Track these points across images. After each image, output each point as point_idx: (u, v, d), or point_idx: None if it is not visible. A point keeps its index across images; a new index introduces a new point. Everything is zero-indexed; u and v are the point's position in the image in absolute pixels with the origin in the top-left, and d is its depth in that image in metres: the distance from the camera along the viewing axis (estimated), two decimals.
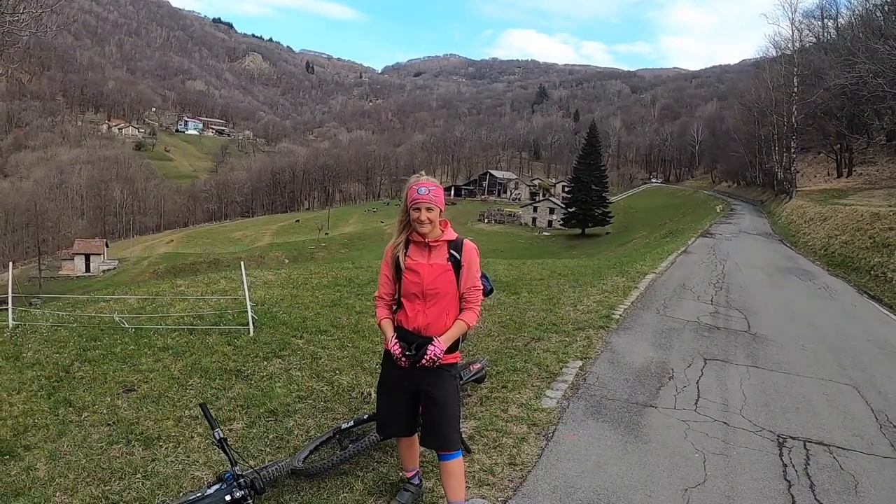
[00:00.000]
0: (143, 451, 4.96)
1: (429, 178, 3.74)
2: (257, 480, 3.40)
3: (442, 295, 3.65)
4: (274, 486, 4.24)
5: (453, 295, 3.69)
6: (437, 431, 3.71)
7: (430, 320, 3.64)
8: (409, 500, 4.03)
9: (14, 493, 4.38)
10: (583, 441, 5.23)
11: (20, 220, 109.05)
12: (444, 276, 3.65)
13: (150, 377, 6.49)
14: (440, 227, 3.74)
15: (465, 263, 3.69)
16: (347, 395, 6.05)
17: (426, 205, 3.60)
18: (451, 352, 3.73)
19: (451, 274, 3.66)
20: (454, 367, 3.80)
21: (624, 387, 6.66)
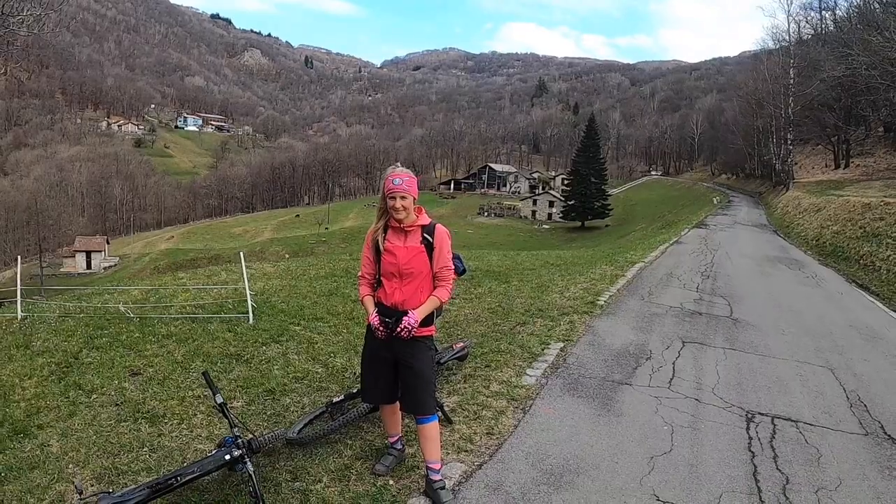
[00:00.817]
0: (150, 427, 5.29)
1: (403, 170, 4.12)
2: (254, 441, 3.78)
3: (416, 274, 4.04)
4: (270, 454, 4.60)
5: (427, 274, 4.08)
6: (415, 397, 4.11)
7: (406, 297, 4.03)
8: (393, 462, 4.43)
9: (30, 466, 4.70)
10: (558, 414, 5.60)
11: (21, 218, 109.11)
12: (419, 258, 4.03)
13: (155, 362, 6.82)
14: (414, 214, 4.11)
15: (437, 246, 4.08)
16: (341, 375, 6.41)
17: (400, 194, 4.00)
18: (427, 325, 4.12)
19: (424, 255, 4.05)
20: (429, 339, 4.21)
21: (602, 366, 7.03)
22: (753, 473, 4.66)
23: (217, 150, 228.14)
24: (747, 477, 4.64)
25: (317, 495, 4.06)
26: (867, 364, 8.19)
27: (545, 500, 4.10)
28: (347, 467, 4.44)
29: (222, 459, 3.69)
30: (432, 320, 4.20)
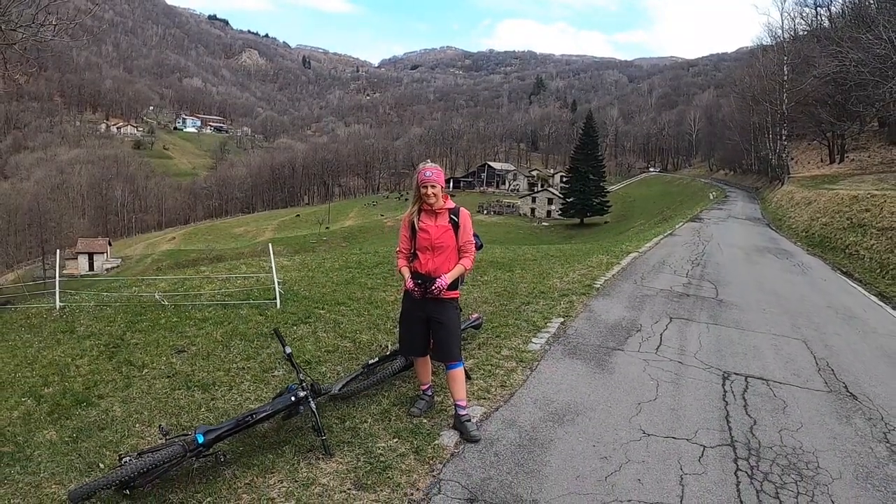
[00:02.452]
0: (202, 393, 6.08)
1: (432, 164, 5.13)
2: (316, 384, 4.61)
3: (445, 247, 5.03)
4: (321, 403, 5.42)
5: (453, 247, 5.07)
6: (445, 347, 5.09)
7: (437, 265, 5.02)
8: (425, 406, 5.38)
9: (99, 427, 5.48)
10: (559, 372, 6.52)
11: (23, 221, 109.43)
12: (447, 234, 5.03)
13: (197, 341, 7.62)
14: (442, 200, 5.09)
15: (461, 224, 5.09)
16: (368, 348, 7.23)
17: (431, 183, 4.99)
18: (453, 289, 5.12)
19: (451, 232, 5.05)
20: (455, 301, 5.22)
21: (597, 336, 7.93)
22: (726, 417, 5.50)
23: (216, 151, 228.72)
24: (720, 419, 5.48)
25: (365, 431, 4.98)
26: (839, 338, 9.03)
27: (551, 432, 5.00)
28: (387, 412, 5.35)
29: (289, 399, 4.52)
30: (458, 285, 5.21)
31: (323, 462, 4.44)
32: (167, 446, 4.20)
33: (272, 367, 6.72)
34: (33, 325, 8.94)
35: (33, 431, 5.46)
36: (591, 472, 4.35)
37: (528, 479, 4.24)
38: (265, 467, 4.39)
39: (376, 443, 4.75)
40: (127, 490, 4.01)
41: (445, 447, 4.67)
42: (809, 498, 4.13)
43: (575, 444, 4.78)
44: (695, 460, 4.58)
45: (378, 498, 4.02)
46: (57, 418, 5.72)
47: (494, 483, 4.18)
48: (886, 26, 32.86)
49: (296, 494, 4.06)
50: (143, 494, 4.09)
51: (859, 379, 7.06)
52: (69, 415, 5.77)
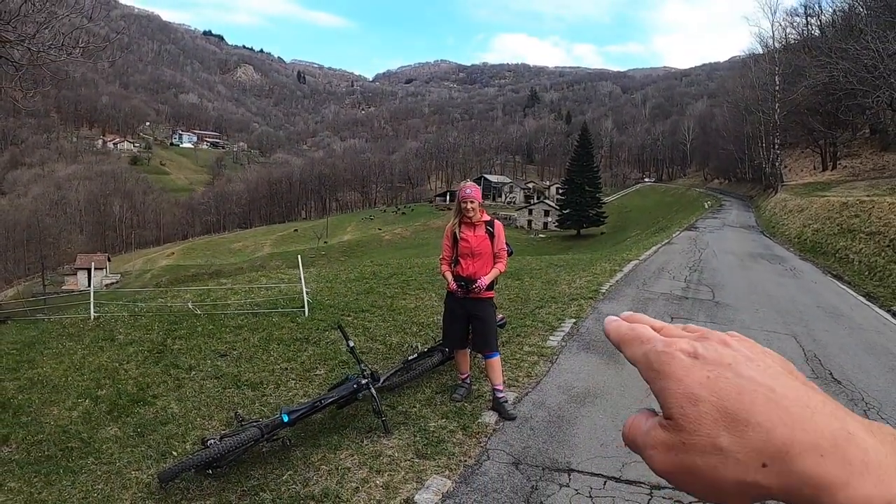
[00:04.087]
0: (252, 391, 6.75)
1: (471, 183, 5.99)
2: (375, 373, 5.35)
3: (483, 254, 5.86)
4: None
5: (489, 254, 5.90)
6: (484, 339, 5.90)
7: (476, 269, 5.86)
8: (465, 393, 6.18)
9: (161, 422, 6.11)
10: (577, 363, 7.34)
11: (21, 237, 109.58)
12: (484, 242, 5.85)
13: (237, 346, 8.30)
14: (479, 213, 5.88)
15: (496, 234, 5.92)
16: (399, 349, 7.96)
17: (469, 199, 5.84)
18: (490, 289, 5.94)
19: (487, 241, 5.87)
20: (492, 300, 6.05)
21: None
22: None
23: (213, 167, 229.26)
24: None
25: (415, 414, 5.75)
26: (827, 333, 9.79)
27: (575, 411, 5.79)
28: (431, 398, 6.12)
29: (353, 386, 5.23)
30: (494, 286, 6.05)
31: (384, 439, 5.19)
32: (245, 430, 4.85)
33: (313, 367, 7.39)
34: (72, 335, 9.53)
35: (96, 429, 5.99)
36: (612, 441, 5.12)
37: (561, 447, 5.02)
38: (333, 445, 5.10)
39: (427, 423, 5.50)
40: (210, 470, 4.66)
41: (488, 424, 5.46)
42: None
43: (596, 420, 5.57)
44: None
45: (438, 464, 4.77)
46: (117, 416, 6.26)
47: (533, 450, 4.96)
48: (874, 36, 33.62)
49: (367, 464, 4.79)
50: (225, 473, 4.75)
51: (844, 367, 7.82)
52: (128, 413, 6.33)
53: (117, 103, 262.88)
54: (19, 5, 9.13)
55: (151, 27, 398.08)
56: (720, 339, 0.48)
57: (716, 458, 0.41)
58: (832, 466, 0.38)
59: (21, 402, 6.62)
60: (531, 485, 4.48)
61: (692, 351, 0.46)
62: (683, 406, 0.42)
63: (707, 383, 0.43)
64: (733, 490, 0.41)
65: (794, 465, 0.38)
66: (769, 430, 0.40)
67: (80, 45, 11.24)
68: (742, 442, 0.40)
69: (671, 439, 0.43)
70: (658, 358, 0.46)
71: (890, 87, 33.68)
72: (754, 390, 0.42)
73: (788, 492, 0.39)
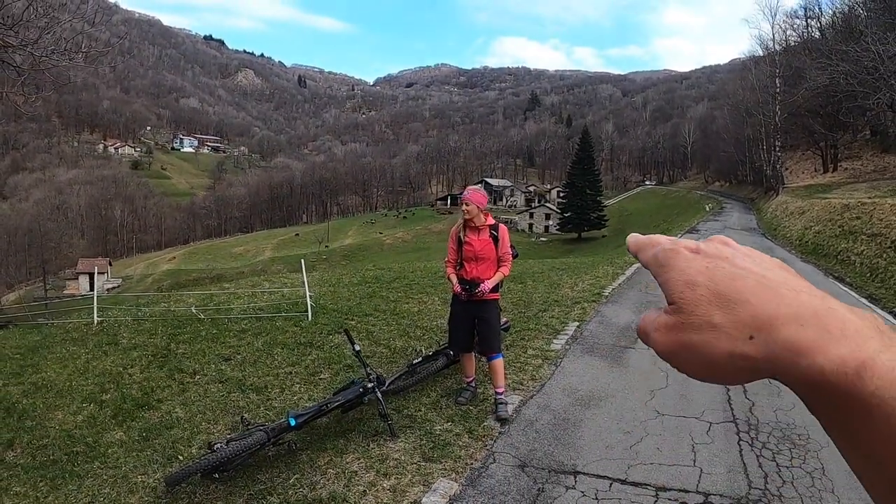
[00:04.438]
0: (257, 395, 6.75)
1: (474, 187, 6.06)
2: (381, 376, 5.35)
3: (486, 258, 5.85)
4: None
5: (493, 258, 5.88)
6: (487, 341, 5.93)
7: (480, 272, 5.85)
8: (470, 396, 6.17)
9: (166, 427, 6.11)
10: (580, 366, 7.35)
11: (22, 242, 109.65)
12: (488, 246, 5.84)
13: (241, 350, 8.30)
14: (483, 217, 5.88)
15: (500, 238, 5.89)
16: (403, 353, 7.95)
17: (465, 201, 5.86)
18: (494, 292, 5.91)
19: (492, 245, 5.85)
20: (496, 302, 6.04)
21: (610, 337, 8.77)
22: (728, 400, 6.27)
23: (214, 171, 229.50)
24: (723, 402, 6.26)
25: (421, 418, 5.75)
26: None
27: (580, 414, 5.79)
28: (437, 402, 6.13)
29: (359, 390, 5.24)
30: (498, 289, 6.01)
31: (391, 442, 5.20)
32: (252, 434, 4.86)
33: (317, 371, 7.39)
34: (75, 339, 9.51)
35: (101, 433, 5.98)
36: (618, 443, 5.13)
37: (566, 449, 5.03)
38: (339, 449, 5.11)
39: (433, 427, 5.51)
40: (216, 474, 4.67)
41: (493, 427, 5.49)
42: (802, 460, 4.89)
43: (601, 422, 5.58)
44: (703, 433, 5.36)
45: (444, 467, 4.79)
46: (122, 421, 6.25)
47: (539, 453, 4.97)
48: (874, 38, 33.64)
49: (374, 467, 4.80)
50: (232, 477, 4.76)
51: None
52: (133, 417, 6.33)
53: (118, 108, 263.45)
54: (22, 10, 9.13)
55: (152, 32, 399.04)
56: (721, 240, 0.53)
57: (710, 333, 0.44)
58: (811, 333, 0.40)
59: (25, 407, 6.61)
60: (537, 487, 4.49)
61: (695, 248, 0.51)
62: (683, 291, 0.47)
63: (705, 272, 0.47)
64: (724, 362, 0.44)
65: (777, 335, 0.41)
66: (757, 307, 0.43)
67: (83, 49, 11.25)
68: (732, 318, 0.43)
69: (672, 320, 0.47)
70: (665, 254, 0.51)
71: (890, 88, 33.72)
72: (746, 277, 0.46)
73: (771, 359, 0.42)
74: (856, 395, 0.38)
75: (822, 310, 0.42)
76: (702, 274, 0.47)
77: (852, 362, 0.39)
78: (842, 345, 0.40)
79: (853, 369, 0.38)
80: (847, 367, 0.38)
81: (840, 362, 0.39)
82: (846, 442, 0.41)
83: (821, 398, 0.40)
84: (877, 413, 0.37)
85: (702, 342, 0.45)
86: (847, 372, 0.38)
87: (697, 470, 4.74)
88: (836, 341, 0.40)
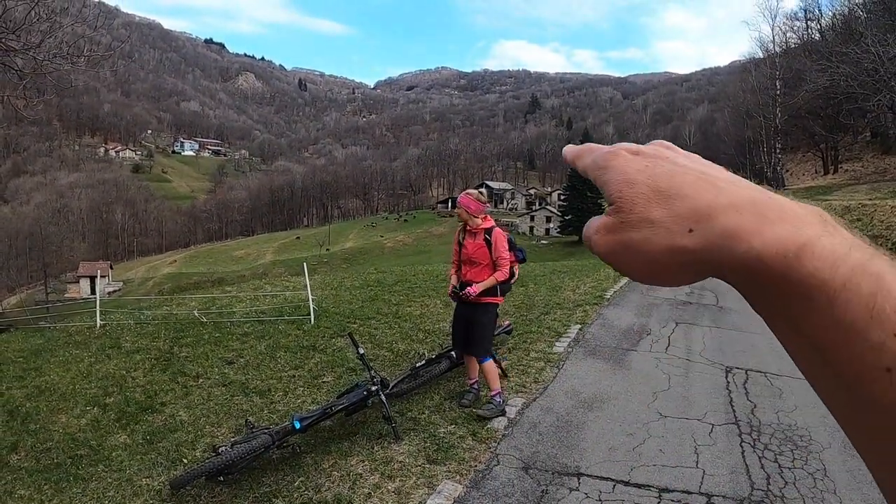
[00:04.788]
0: (261, 399, 6.76)
1: (469, 192, 6.06)
2: (384, 379, 5.38)
3: (479, 261, 5.88)
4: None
5: (487, 262, 5.88)
6: (476, 343, 6.00)
7: (473, 276, 5.91)
8: (472, 398, 6.18)
9: (170, 430, 6.12)
10: (583, 369, 7.35)
11: (23, 245, 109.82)
12: (481, 250, 5.86)
13: (244, 353, 8.31)
14: (480, 220, 5.93)
15: (494, 242, 5.84)
16: (405, 356, 7.97)
17: (457, 207, 6.02)
18: (488, 295, 5.91)
19: (485, 249, 5.85)
20: (490, 306, 6.01)
21: (613, 339, 8.77)
22: (730, 402, 6.28)
23: (214, 175, 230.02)
24: (725, 404, 6.27)
25: (425, 420, 5.75)
26: None
27: (582, 416, 5.80)
28: (440, 405, 6.14)
29: (362, 393, 5.26)
30: (496, 292, 5.99)
31: (395, 445, 5.21)
32: (256, 437, 4.88)
33: (321, 374, 7.41)
34: (78, 342, 9.53)
35: (104, 436, 5.99)
36: (621, 445, 5.14)
37: (570, 451, 5.04)
38: (343, 452, 5.12)
39: (437, 429, 5.52)
40: (221, 477, 4.68)
41: (497, 430, 5.48)
42: (804, 462, 4.91)
43: (604, 424, 5.60)
44: (706, 435, 5.37)
45: (449, 469, 4.80)
46: (125, 424, 6.26)
47: (542, 455, 4.98)
48: (874, 40, 33.71)
49: (378, 469, 4.81)
50: (237, 480, 4.78)
51: None
52: (137, 420, 6.33)
53: (119, 111, 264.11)
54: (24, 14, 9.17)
55: (153, 35, 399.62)
56: (663, 143, 0.53)
57: (649, 230, 0.44)
58: (748, 217, 0.40)
59: (29, 410, 6.63)
60: (541, 489, 4.51)
61: (635, 150, 0.50)
62: (621, 189, 0.46)
63: (644, 170, 0.47)
64: (665, 259, 0.43)
65: (714, 223, 0.41)
66: (695, 199, 0.43)
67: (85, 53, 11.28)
68: (671, 212, 0.43)
69: (611, 221, 0.46)
70: (604, 157, 0.50)
71: (890, 90, 33.79)
72: (686, 173, 0.46)
73: (709, 249, 0.41)
74: (795, 279, 0.37)
75: (761, 197, 0.42)
76: (641, 172, 0.47)
77: (791, 245, 0.38)
78: (779, 227, 0.39)
79: (792, 252, 0.37)
80: (786, 250, 0.38)
81: (778, 245, 0.38)
82: (789, 334, 0.39)
83: (760, 286, 0.39)
84: (817, 296, 0.36)
85: (641, 240, 0.44)
86: (786, 255, 0.37)
87: (700, 471, 4.76)
88: (774, 224, 0.39)
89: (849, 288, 0.35)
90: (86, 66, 11.23)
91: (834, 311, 0.35)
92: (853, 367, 0.35)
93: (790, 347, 0.40)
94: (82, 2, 13.86)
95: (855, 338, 0.35)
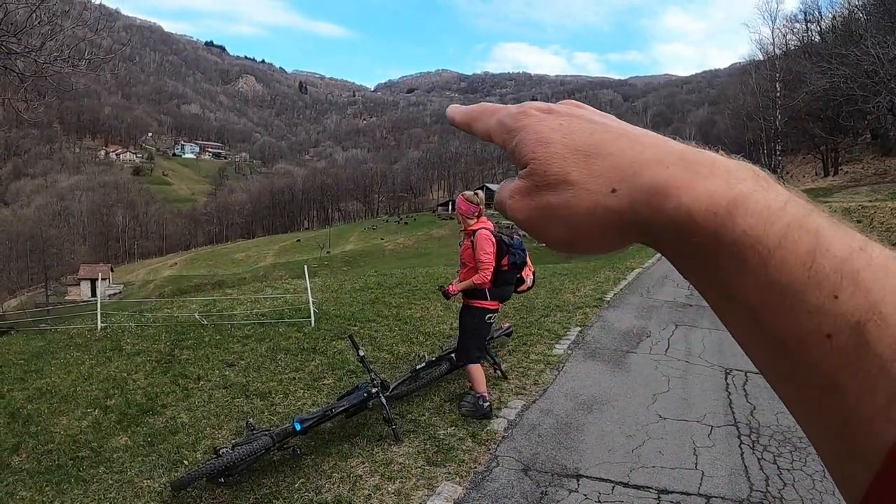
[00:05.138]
0: (261, 401, 6.77)
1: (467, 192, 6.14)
2: (385, 381, 5.40)
3: (467, 263, 5.96)
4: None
5: (473, 264, 5.87)
6: (459, 346, 6.21)
7: (463, 277, 6.01)
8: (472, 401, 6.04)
9: (171, 432, 6.13)
10: (583, 371, 7.37)
11: (24, 248, 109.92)
12: (467, 252, 5.93)
13: (244, 355, 8.33)
14: (472, 222, 5.97)
15: (476, 245, 5.80)
16: (406, 359, 7.99)
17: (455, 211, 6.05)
18: (479, 298, 5.95)
19: (470, 251, 5.87)
20: (472, 308, 6.03)
21: (613, 341, 8.77)
22: (729, 404, 6.29)
23: (215, 177, 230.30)
24: (725, 406, 6.27)
25: (425, 422, 5.77)
26: None
27: (582, 417, 5.81)
28: (440, 407, 6.15)
29: (362, 395, 5.27)
30: (485, 296, 5.96)
31: (395, 447, 5.22)
32: (257, 438, 4.89)
33: (321, 376, 7.42)
34: (79, 345, 9.57)
35: (106, 438, 6.00)
36: (620, 447, 5.15)
37: (569, 453, 5.05)
38: (344, 454, 5.13)
39: (437, 431, 5.53)
40: (222, 479, 4.70)
41: (497, 432, 5.49)
42: (802, 463, 4.92)
43: (604, 426, 5.61)
44: (705, 436, 5.38)
45: (448, 471, 4.81)
46: (126, 426, 6.27)
47: (542, 457, 5.00)
48: (874, 42, 33.77)
49: (379, 471, 4.83)
50: (237, 482, 4.79)
51: None
52: (138, 422, 6.35)
53: (120, 114, 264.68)
54: (25, 17, 9.18)
55: (154, 38, 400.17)
56: (575, 102, 0.49)
57: (568, 191, 0.41)
58: (676, 172, 0.38)
59: (30, 412, 6.65)
60: (541, 490, 4.53)
61: (546, 108, 0.47)
62: (535, 150, 0.43)
63: (559, 128, 0.44)
64: (587, 222, 0.41)
65: (639, 180, 0.39)
66: (617, 156, 0.40)
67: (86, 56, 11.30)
68: (591, 172, 0.40)
69: (526, 184, 0.44)
70: (513, 117, 0.47)
71: (890, 91, 33.84)
72: (606, 131, 0.43)
73: (635, 209, 0.39)
74: (727, 238, 0.35)
75: (690, 152, 0.40)
76: (555, 131, 0.44)
77: (722, 200, 0.36)
78: (710, 182, 0.37)
79: (724, 208, 0.35)
80: (717, 205, 0.35)
81: (708, 201, 0.36)
82: (721, 300, 0.36)
83: (690, 247, 0.37)
84: (750, 255, 0.34)
85: (560, 202, 0.42)
86: (717, 212, 0.35)
87: (699, 473, 4.78)
88: (705, 179, 0.37)
89: (784, 246, 0.33)
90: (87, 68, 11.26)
91: (768, 272, 0.33)
92: (790, 332, 0.33)
93: (724, 316, 0.37)
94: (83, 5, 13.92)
95: (792, 300, 0.32)
